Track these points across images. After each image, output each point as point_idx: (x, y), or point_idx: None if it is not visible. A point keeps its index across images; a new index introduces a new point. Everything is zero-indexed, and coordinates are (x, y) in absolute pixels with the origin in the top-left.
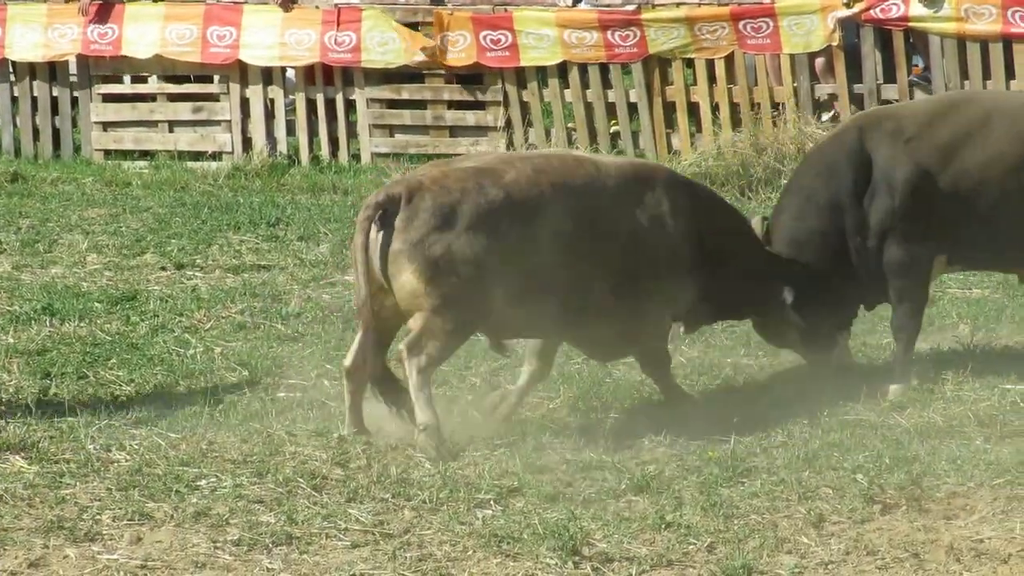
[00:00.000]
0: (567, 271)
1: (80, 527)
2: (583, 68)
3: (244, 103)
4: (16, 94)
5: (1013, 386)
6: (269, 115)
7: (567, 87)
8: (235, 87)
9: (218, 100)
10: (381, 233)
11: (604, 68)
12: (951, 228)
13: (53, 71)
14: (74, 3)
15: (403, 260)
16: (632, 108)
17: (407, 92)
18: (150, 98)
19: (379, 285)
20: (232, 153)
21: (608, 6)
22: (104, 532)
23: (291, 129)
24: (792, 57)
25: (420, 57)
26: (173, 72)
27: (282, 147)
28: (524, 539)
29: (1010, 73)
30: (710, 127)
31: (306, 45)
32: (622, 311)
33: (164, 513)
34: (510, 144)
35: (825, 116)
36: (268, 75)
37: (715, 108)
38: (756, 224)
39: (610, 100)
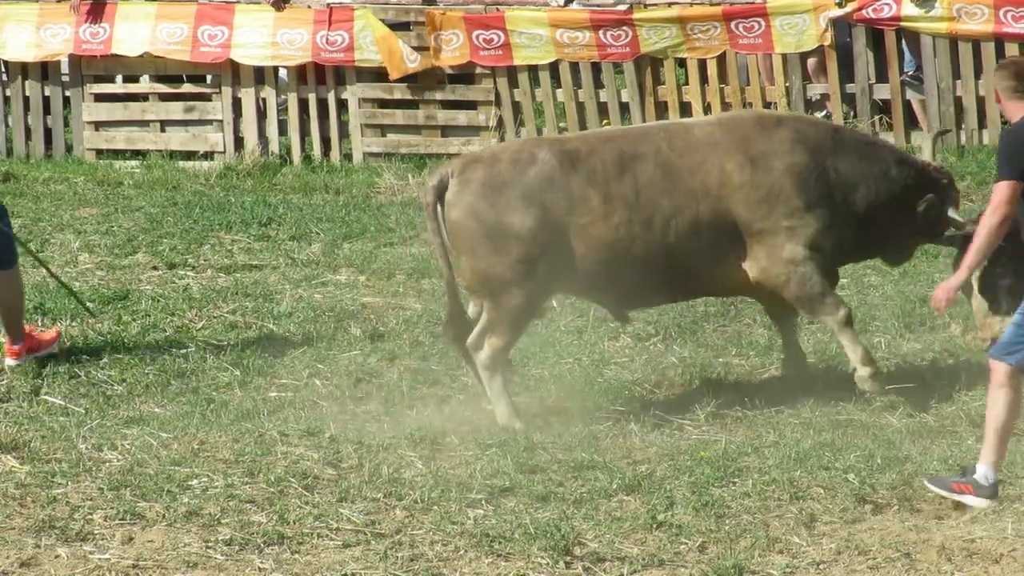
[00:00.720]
0: (662, 235)
1: (72, 527)
2: (575, 67)
3: (236, 103)
4: (8, 94)
5: None
6: (261, 115)
7: (559, 86)
8: (227, 87)
9: (210, 100)
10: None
11: (596, 67)
12: None
13: (45, 71)
14: (66, 2)
15: (459, 231)
16: (624, 108)
17: (399, 92)
18: (142, 98)
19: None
20: (224, 153)
21: (600, 6)
22: (96, 532)
23: (283, 129)
24: (784, 57)
25: (407, 68)
26: (165, 72)
27: (274, 147)
28: (515, 539)
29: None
30: None
31: (298, 45)
32: (734, 260)
33: (156, 513)
34: None
35: (818, 115)
36: (260, 75)
37: (707, 108)
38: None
39: (602, 100)
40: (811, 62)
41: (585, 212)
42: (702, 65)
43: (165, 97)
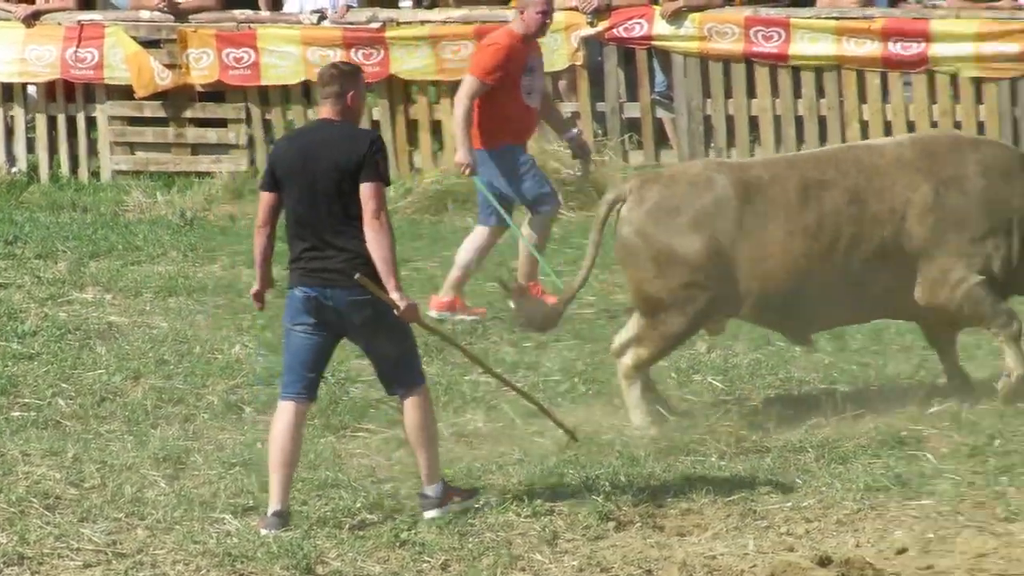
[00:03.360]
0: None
1: None
2: None
3: None
4: None
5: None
6: (8, 132)
7: (311, 105)
8: None
9: None
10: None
11: None
12: None
13: None
14: None
15: (626, 250)
16: (375, 126)
17: (149, 109)
18: None
19: None
20: None
21: (353, 24)
22: None
23: (31, 146)
24: None
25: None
26: None
27: (22, 164)
28: (258, 557)
29: (751, 92)
30: (452, 146)
31: (47, 61)
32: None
33: None
34: (252, 163)
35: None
36: (8, 92)
37: None
38: None
39: None
40: (562, 81)
41: (762, 243)
42: (454, 83)
43: None
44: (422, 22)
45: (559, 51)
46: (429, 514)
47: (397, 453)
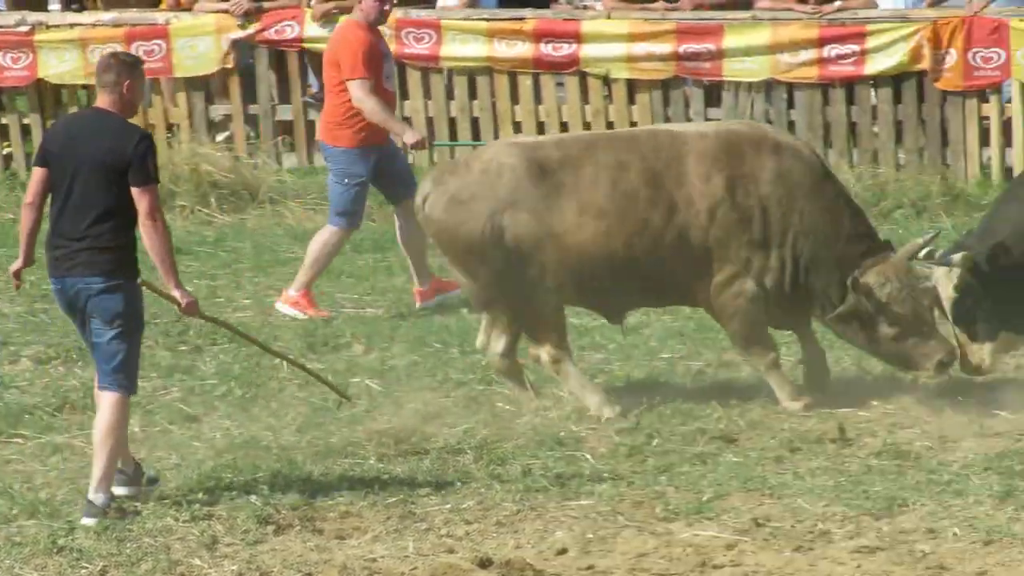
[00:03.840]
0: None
1: None
2: None
3: None
4: None
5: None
6: None
7: None
8: None
9: None
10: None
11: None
12: None
13: None
14: None
15: (441, 246)
16: (25, 129)
17: None
18: None
19: None
20: None
21: (1, 27)
22: None
23: None
24: (186, 79)
25: None
26: None
27: None
28: None
29: (404, 94)
30: None
31: None
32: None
33: None
34: None
35: (220, 136)
36: None
37: None
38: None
39: (3, 122)
40: (213, 84)
41: (556, 224)
42: None
43: None
44: (71, 25)
45: (209, 54)
46: (88, 521)
47: (52, 459)
